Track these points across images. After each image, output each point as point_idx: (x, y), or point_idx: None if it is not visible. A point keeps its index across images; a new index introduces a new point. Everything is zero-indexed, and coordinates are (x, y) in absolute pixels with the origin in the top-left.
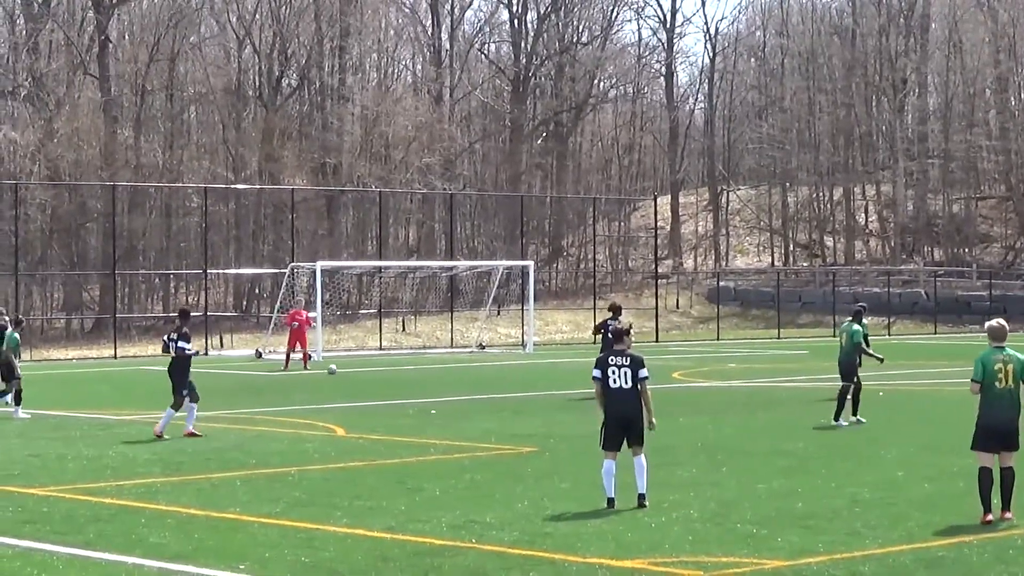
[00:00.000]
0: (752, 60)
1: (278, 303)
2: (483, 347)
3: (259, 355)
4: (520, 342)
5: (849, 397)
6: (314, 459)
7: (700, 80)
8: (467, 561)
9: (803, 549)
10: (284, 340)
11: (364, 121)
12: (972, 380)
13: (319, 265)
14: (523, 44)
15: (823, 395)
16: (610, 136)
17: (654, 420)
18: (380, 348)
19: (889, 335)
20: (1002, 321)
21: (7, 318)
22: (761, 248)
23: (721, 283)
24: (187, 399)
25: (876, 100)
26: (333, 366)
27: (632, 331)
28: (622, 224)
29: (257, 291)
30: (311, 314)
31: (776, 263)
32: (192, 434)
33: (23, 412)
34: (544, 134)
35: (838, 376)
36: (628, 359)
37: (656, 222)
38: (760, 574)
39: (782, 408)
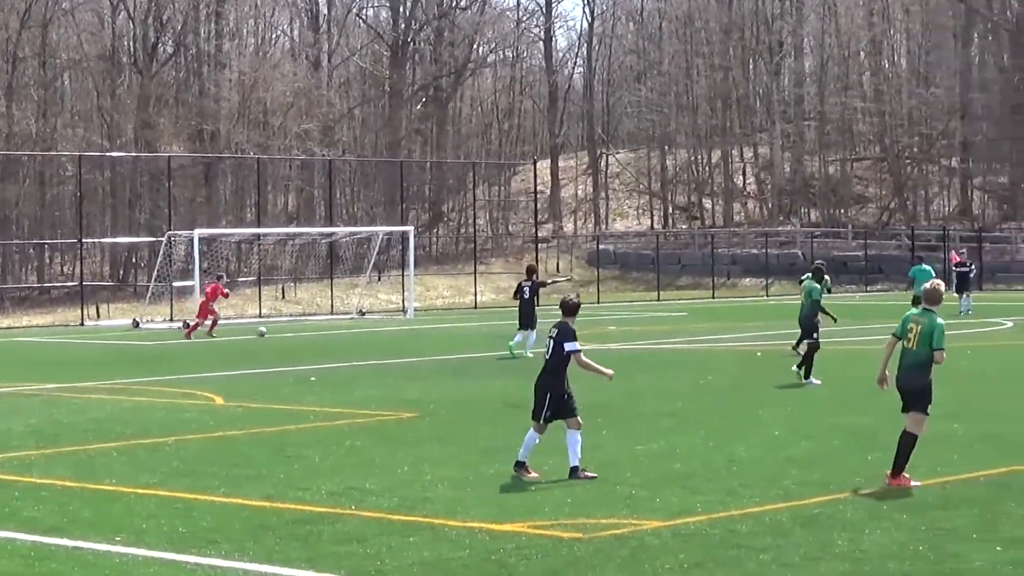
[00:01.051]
0: (630, 24)
1: (155, 272)
2: (363, 313)
3: (137, 325)
4: (401, 308)
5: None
6: (192, 428)
7: (579, 44)
8: (346, 528)
9: (682, 509)
10: (162, 310)
11: (241, 87)
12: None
13: (197, 233)
14: (401, 9)
15: (701, 356)
16: (489, 101)
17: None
18: (259, 316)
19: (767, 296)
20: (937, 284)
21: None
22: (640, 211)
23: (601, 246)
24: None
25: (753, 63)
26: (263, 328)
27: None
28: (502, 189)
29: (134, 260)
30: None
31: (655, 226)
32: None
33: None
34: (423, 99)
35: (720, 336)
36: (555, 330)
37: (536, 186)
38: (639, 535)
39: (662, 370)
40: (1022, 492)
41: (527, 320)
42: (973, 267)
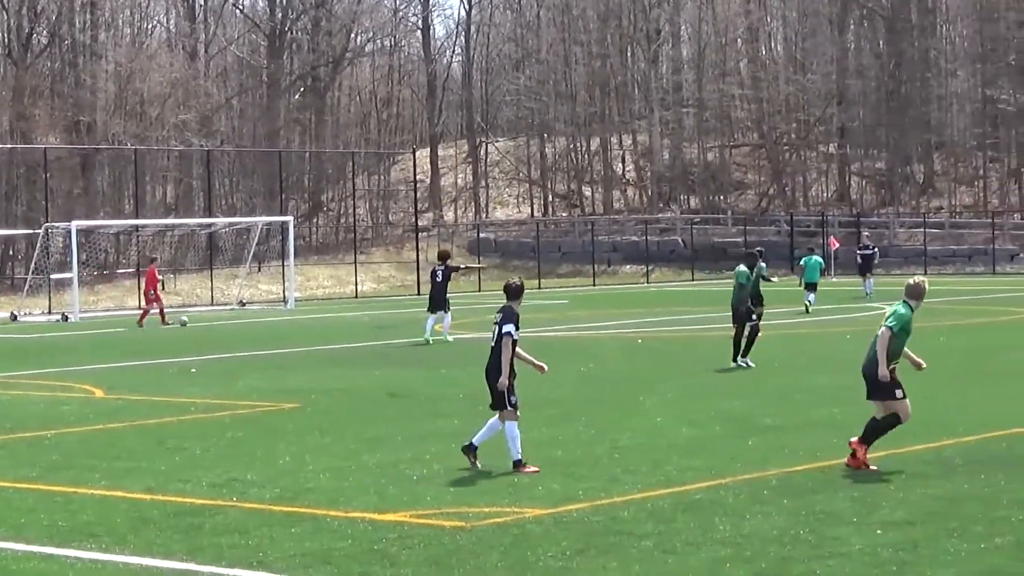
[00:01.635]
0: (508, 12)
1: (33, 264)
2: (244, 304)
3: (14, 318)
4: (281, 298)
5: (745, 336)
6: (72, 421)
7: (457, 33)
8: (228, 520)
9: (564, 496)
10: (39, 302)
11: (118, 78)
12: None
13: (74, 225)
14: None
15: (583, 344)
16: (368, 90)
17: (540, 364)
18: (139, 307)
19: (648, 282)
20: (918, 280)
21: None
22: (520, 199)
23: (481, 235)
24: None
25: (631, 51)
26: (184, 318)
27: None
28: (382, 178)
29: (11, 253)
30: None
31: (535, 214)
32: None
33: None
34: (302, 89)
35: (601, 323)
36: (499, 315)
37: (415, 175)
38: (521, 522)
39: (544, 358)
40: (900, 475)
41: (438, 303)
42: (876, 250)
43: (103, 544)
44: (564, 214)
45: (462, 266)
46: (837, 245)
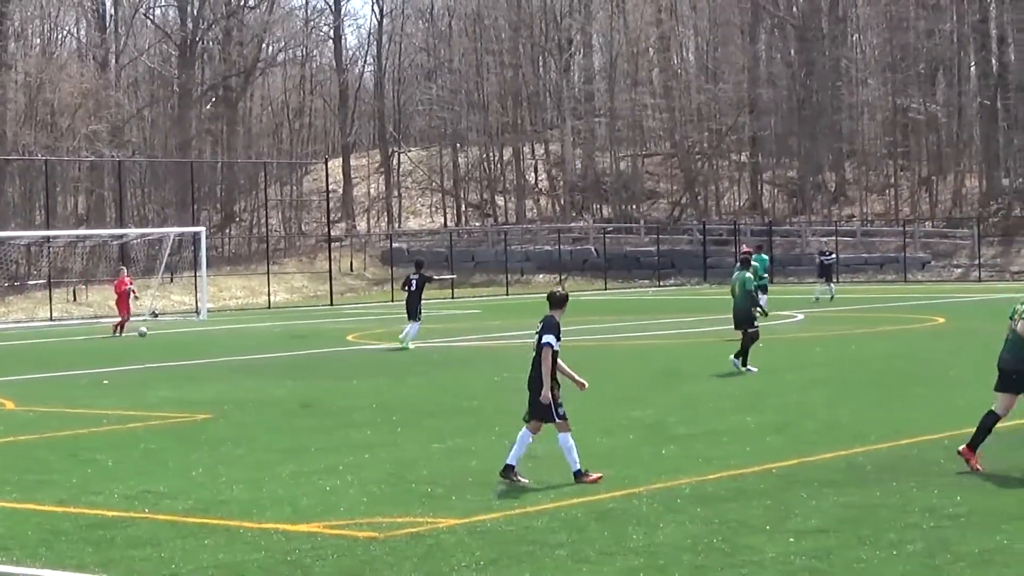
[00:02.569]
0: (420, 22)
1: None
2: (156, 315)
3: None
4: (194, 309)
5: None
6: None
7: (368, 43)
8: (140, 531)
9: (478, 506)
10: None
11: (28, 88)
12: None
13: None
14: (189, 8)
15: (496, 353)
16: (280, 100)
17: (581, 381)
18: (51, 319)
19: None
20: None
21: None
22: (434, 209)
23: (395, 244)
24: None
25: (543, 60)
26: (143, 329)
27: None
28: (294, 188)
29: None
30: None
31: (449, 223)
32: None
33: None
34: (213, 99)
35: (514, 332)
36: (540, 324)
37: (328, 185)
38: (435, 533)
39: (458, 368)
40: (812, 483)
41: (412, 312)
42: (833, 256)
43: (14, 557)
44: (477, 223)
45: (435, 277)
46: (747, 250)
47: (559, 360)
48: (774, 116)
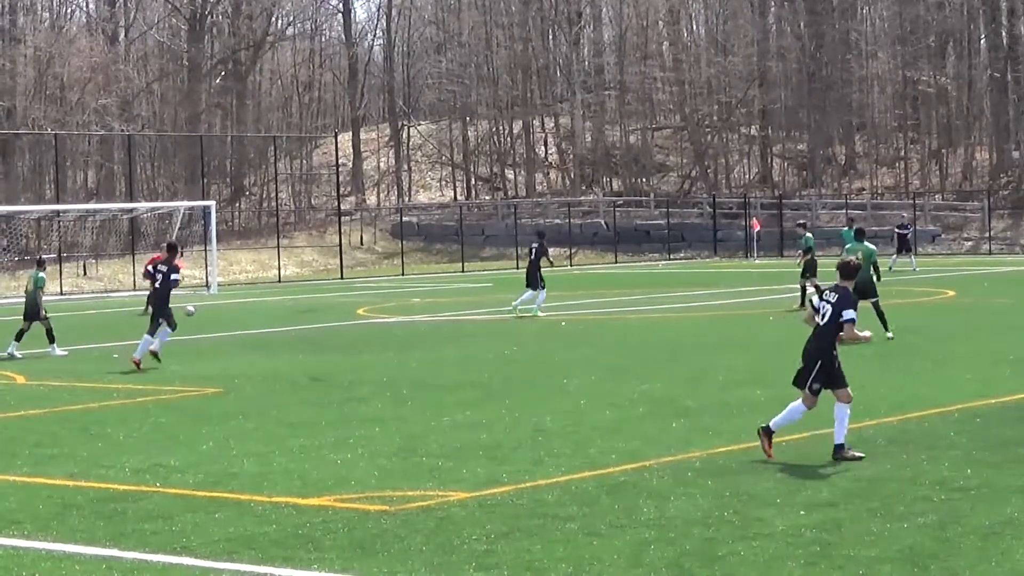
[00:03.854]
0: None
1: None
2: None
3: None
4: (204, 283)
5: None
6: None
7: (378, 16)
8: (151, 505)
9: (488, 479)
10: None
11: (37, 63)
12: None
13: None
14: None
15: (507, 327)
16: (289, 74)
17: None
18: (61, 293)
19: (571, 265)
20: None
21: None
22: (443, 183)
23: (404, 218)
24: (164, 325)
25: (552, 34)
26: (190, 307)
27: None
28: (304, 162)
29: None
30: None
31: (459, 197)
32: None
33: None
34: (223, 73)
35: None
36: (833, 295)
37: (338, 159)
38: (446, 506)
39: (467, 341)
40: (823, 456)
41: (532, 280)
42: (910, 228)
43: (25, 531)
44: (487, 197)
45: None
46: (759, 227)
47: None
48: (784, 89)
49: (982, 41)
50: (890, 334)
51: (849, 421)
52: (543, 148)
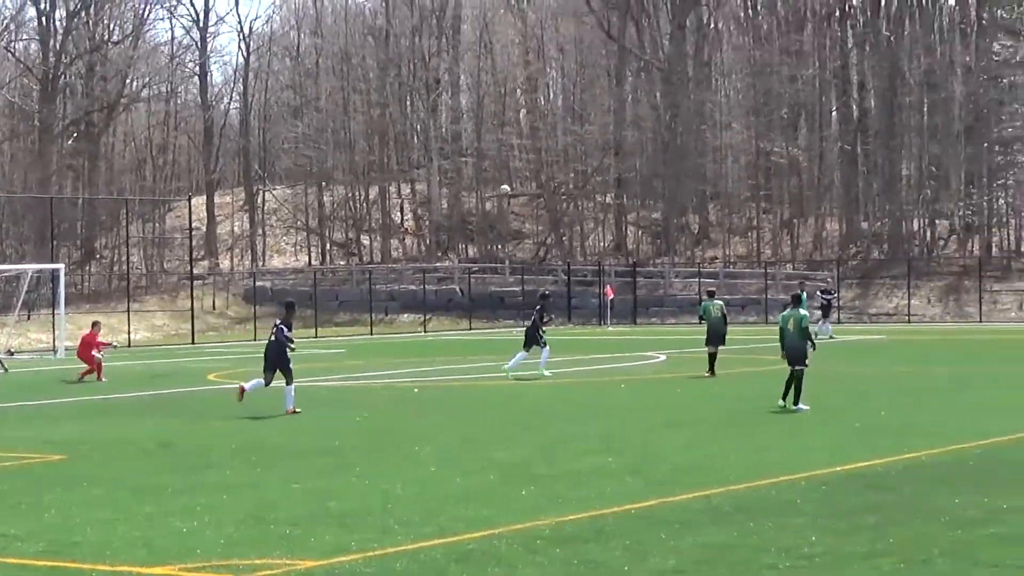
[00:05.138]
0: (287, 59)
1: None
2: (12, 353)
3: None
4: (51, 347)
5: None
6: None
7: (235, 79)
8: None
9: (337, 548)
10: None
11: None
12: None
13: None
14: (52, 42)
15: (359, 393)
16: (143, 136)
17: None
18: None
19: (425, 331)
20: None
21: None
22: (298, 247)
23: (258, 283)
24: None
25: (410, 100)
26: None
27: None
28: (157, 225)
29: None
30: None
31: (313, 262)
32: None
33: None
34: (75, 134)
35: (378, 372)
36: None
37: (191, 223)
38: (293, 574)
39: (320, 407)
40: (670, 524)
41: (529, 339)
42: (834, 295)
43: None
44: (342, 262)
45: (547, 317)
46: (613, 294)
47: None
48: (639, 158)
49: (833, 114)
50: (796, 406)
51: (700, 487)
52: (399, 214)
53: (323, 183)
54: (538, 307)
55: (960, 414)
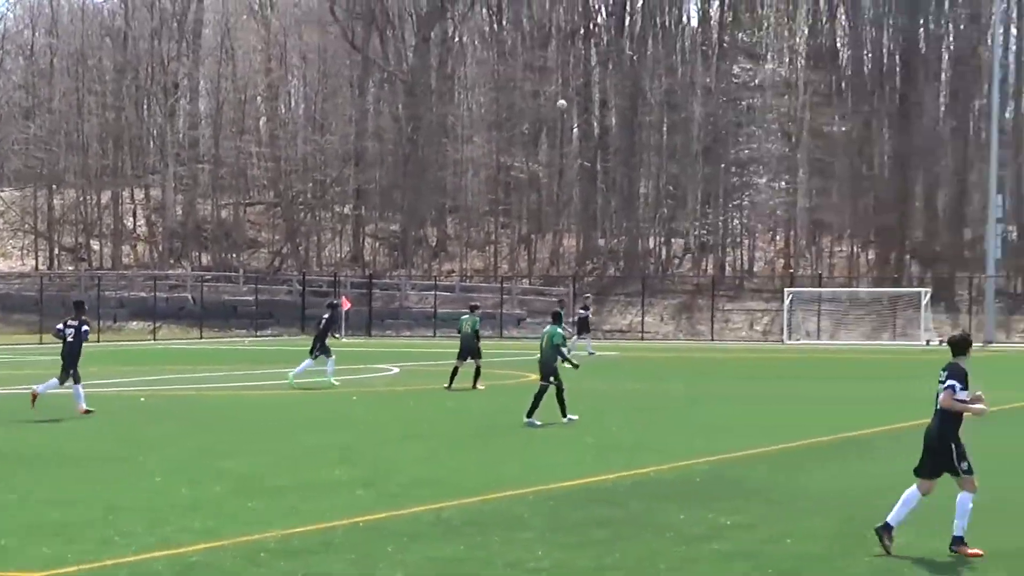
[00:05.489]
0: (20, 59)
1: None
2: None
3: None
4: None
5: (555, 398)
6: None
7: None
8: None
9: (54, 560)
10: None
11: None
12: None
13: None
14: None
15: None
16: None
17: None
18: None
19: (155, 340)
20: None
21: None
22: (25, 251)
23: None
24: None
25: (148, 104)
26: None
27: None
28: None
29: None
30: None
31: (41, 267)
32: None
33: None
34: None
35: (105, 380)
36: (944, 373)
37: None
38: None
39: (46, 414)
40: (399, 536)
41: (315, 347)
42: (590, 311)
43: None
44: (71, 267)
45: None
46: (349, 305)
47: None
48: (379, 169)
49: (574, 131)
50: (571, 417)
51: (431, 500)
52: (132, 219)
53: (54, 186)
54: (326, 315)
55: (690, 431)
